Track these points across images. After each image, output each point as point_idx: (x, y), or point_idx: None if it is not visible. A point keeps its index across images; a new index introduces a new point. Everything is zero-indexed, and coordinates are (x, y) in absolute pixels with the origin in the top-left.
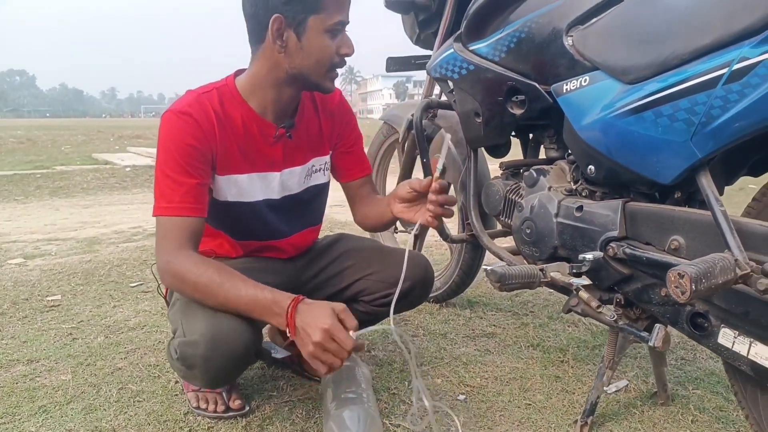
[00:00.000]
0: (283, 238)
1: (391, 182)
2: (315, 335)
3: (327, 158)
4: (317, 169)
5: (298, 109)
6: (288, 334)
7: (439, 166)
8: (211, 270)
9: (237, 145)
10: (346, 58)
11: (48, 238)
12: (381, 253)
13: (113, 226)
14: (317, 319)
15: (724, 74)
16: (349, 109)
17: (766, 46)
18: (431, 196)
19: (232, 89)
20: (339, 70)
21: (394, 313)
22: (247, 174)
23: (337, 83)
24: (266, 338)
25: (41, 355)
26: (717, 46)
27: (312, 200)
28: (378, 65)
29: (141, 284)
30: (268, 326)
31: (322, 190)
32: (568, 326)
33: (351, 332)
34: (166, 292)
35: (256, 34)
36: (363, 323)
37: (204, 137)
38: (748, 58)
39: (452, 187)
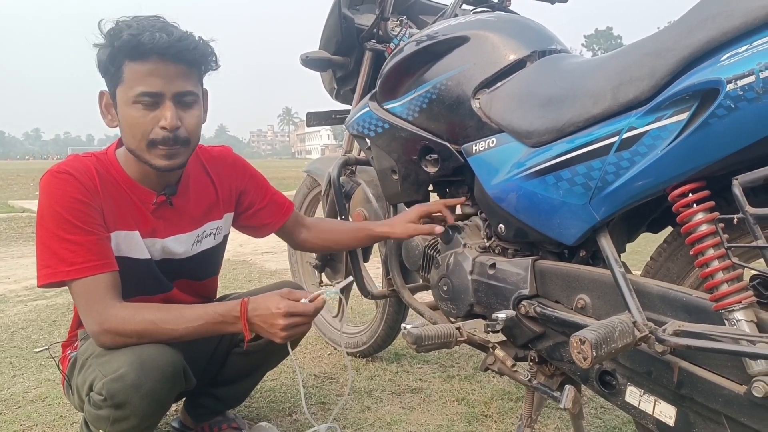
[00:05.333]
0: (166, 291)
1: None
2: (279, 321)
3: (220, 222)
4: (208, 234)
5: (183, 175)
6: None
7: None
8: (144, 312)
9: (121, 203)
10: (182, 134)
11: None
12: (253, 292)
13: (25, 281)
14: (271, 308)
15: (615, 142)
16: (244, 165)
17: (652, 116)
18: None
19: (111, 157)
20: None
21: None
22: (134, 231)
23: (275, 123)
24: (178, 416)
25: None
26: (608, 115)
27: (197, 263)
28: (316, 105)
29: (47, 349)
30: (181, 408)
31: (211, 253)
32: (493, 377)
33: (303, 300)
34: (65, 367)
35: None
36: (253, 365)
37: (88, 192)
38: (636, 128)
39: None
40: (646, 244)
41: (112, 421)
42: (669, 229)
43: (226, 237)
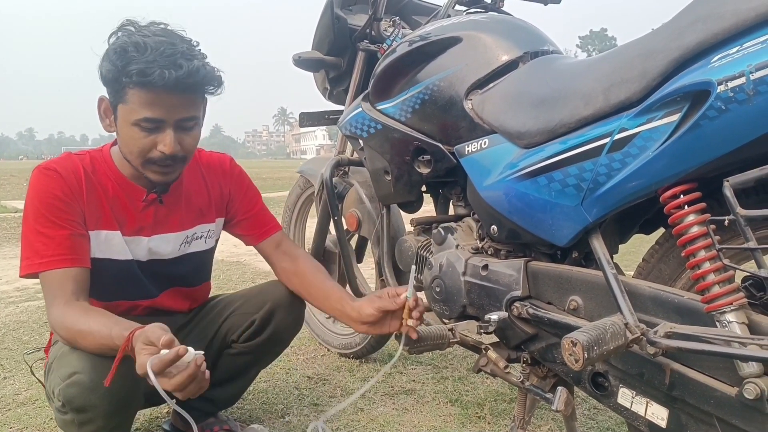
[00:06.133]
0: (150, 298)
1: (311, 227)
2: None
3: (212, 226)
4: (199, 236)
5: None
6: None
7: (409, 293)
8: (78, 320)
9: (106, 203)
10: (180, 154)
11: None
12: (246, 292)
13: (16, 282)
14: (138, 357)
15: (607, 143)
16: (240, 173)
17: (643, 118)
18: (407, 313)
19: (106, 155)
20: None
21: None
22: (116, 231)
23: (270, 123)
24: (169, 418)
25: None
26: (600, 116)
27: (186, 266)
28: (311, 106)
29: (39, 351)
30: (172, 410)
31: (201, 257)
32: (486, 378)
33: (164, 351)
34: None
35: None
36: (245, 366)
37: (70, 191)
38: (628, 129)
39: (369, 241)
40: (640, 245)
41: (78, 425)
42: (662, 231)
43: (216, 242)
